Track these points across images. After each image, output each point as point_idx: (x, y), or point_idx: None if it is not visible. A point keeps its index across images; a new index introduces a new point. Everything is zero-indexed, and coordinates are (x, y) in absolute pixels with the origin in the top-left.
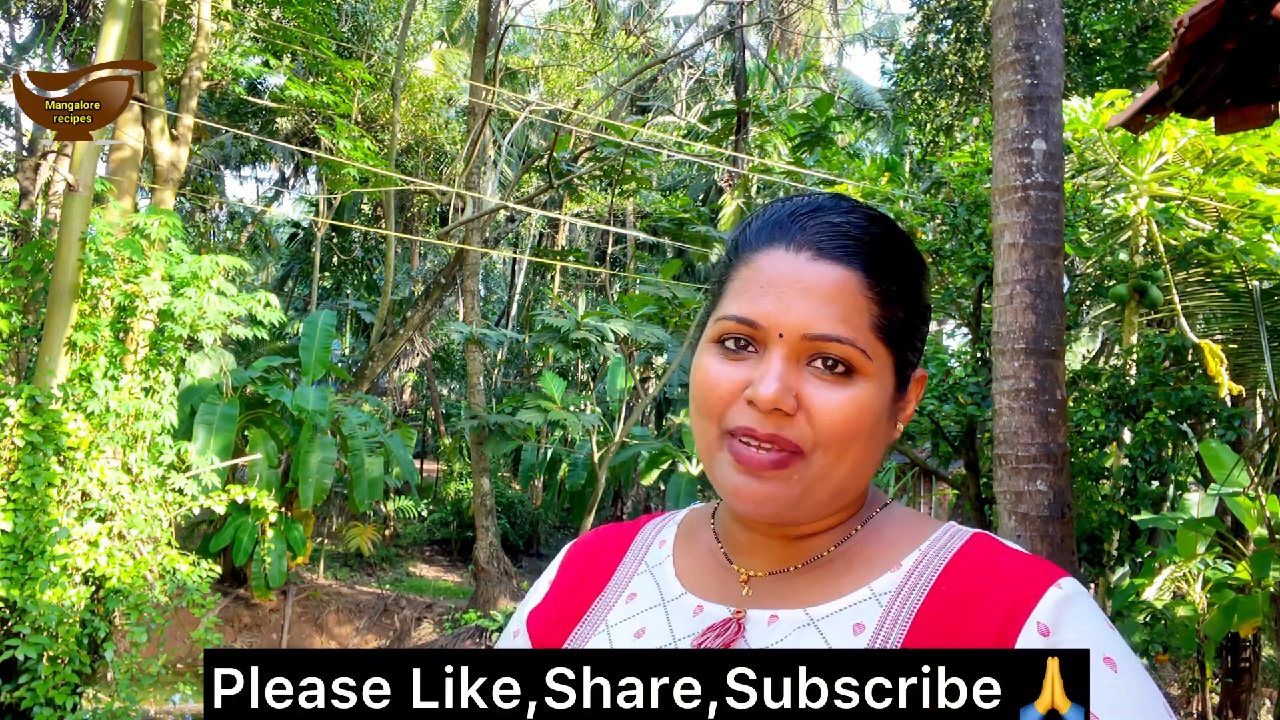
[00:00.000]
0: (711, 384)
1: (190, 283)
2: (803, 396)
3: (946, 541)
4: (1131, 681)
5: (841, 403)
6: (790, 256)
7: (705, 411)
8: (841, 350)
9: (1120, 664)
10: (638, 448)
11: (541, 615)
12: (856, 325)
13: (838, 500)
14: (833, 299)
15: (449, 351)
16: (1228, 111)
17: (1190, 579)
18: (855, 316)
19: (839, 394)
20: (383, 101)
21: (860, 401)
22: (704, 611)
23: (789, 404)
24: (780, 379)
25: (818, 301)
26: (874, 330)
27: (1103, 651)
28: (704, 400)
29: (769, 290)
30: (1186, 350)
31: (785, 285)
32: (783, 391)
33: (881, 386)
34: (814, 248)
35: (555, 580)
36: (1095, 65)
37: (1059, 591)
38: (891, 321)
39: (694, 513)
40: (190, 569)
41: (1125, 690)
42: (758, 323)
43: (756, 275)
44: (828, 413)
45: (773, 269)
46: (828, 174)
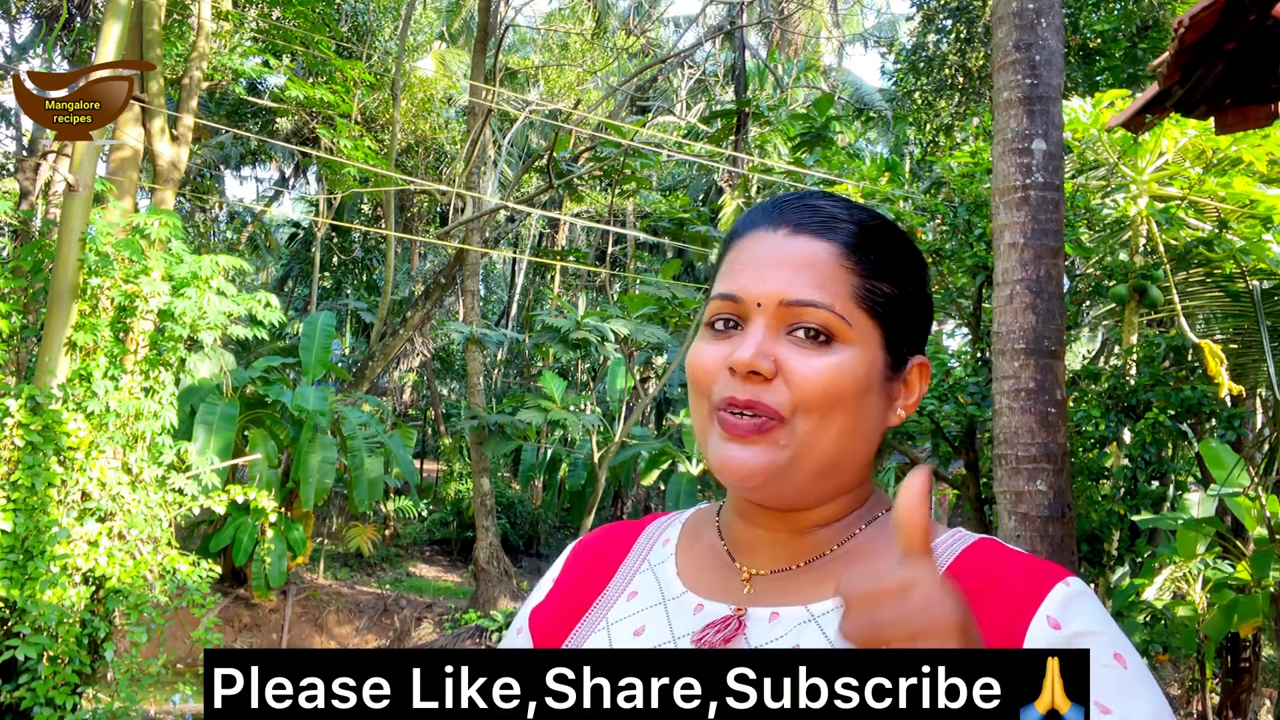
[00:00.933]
0: (699, 361)
1: (190, 283)
2: (781, 362)
3: (952, 544)
4: (1140, 678)
5: (821, 368)
6: (770, 234)
7: (697, 389)
8: (819, 315)
9: (1129, 661)
10: (638, 448)
11: (544, 613)
12: (833, 292)
13: (831, 476)
14: (808, 266)
15: (449, 351)
16: (1228, 111)
17: (1190, 579)
18: (832, 284)
19: (818, 359)
20: (383, 101)
21: (841, 367)
22: (704, 610)
23: (766, 367)
24: (757, 345)
25: (792, 270)
26: (853, 299)
27: (1113, 648)
28: (694, 379)
29: (748, 265)
30: (1186, 350)
31: (763, 259)
32: (758, 355)
33: (866, 357)
34: (792, 225)
35: (559, 578)
36: (1095, 65)
37: (1066, 588)
38: (874, 293)
39: (699, 512)
40: (190, 569)
41: (1136, 687)
42: (738, 296)
43: (739, 255)
44: (805, 376)
45: (754, 247)
46: (828, 174)
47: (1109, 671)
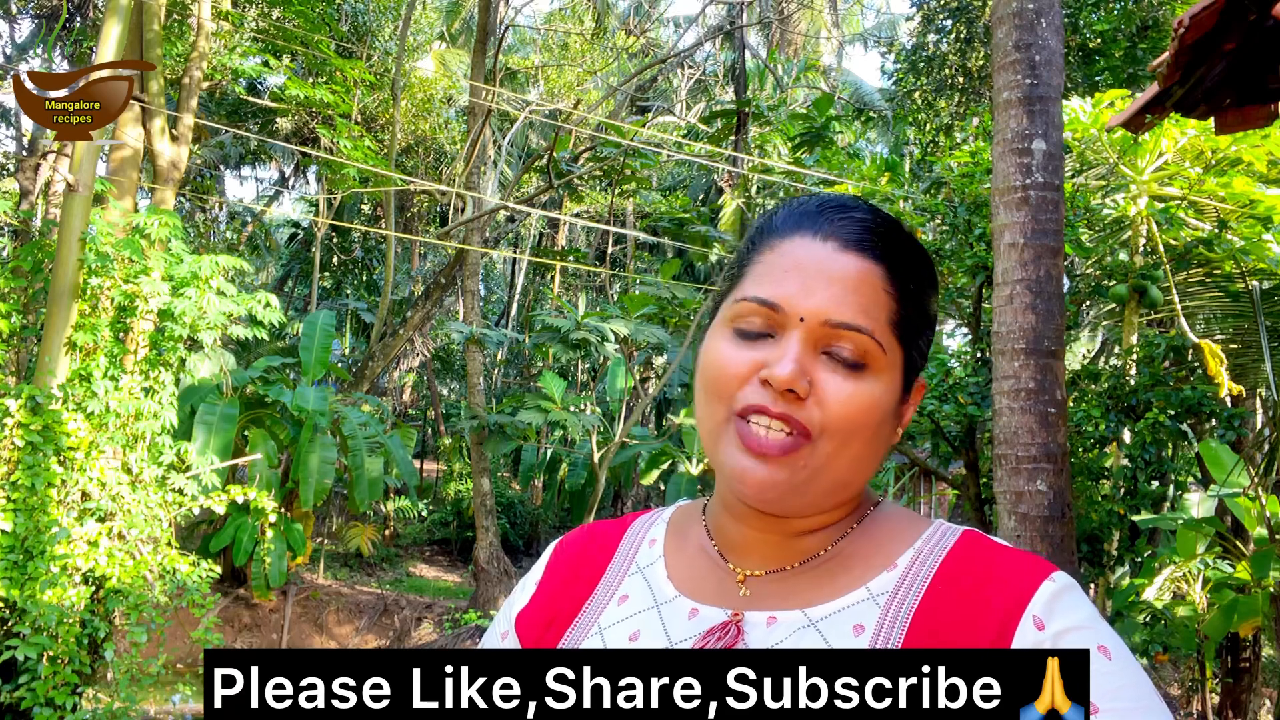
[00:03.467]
0: (724, 364)
1: (190, 283)
2: (816, 382)
3: (938, 540)
4: (1126, 669)
5: (854, 393)
6: (818, 244)
7: (715, 392)
8: (859, 340)
9: (1114, 652)
10: (638, 448)
11: (531, 616)
12: (875, 318)
13: (837, 495)
14: (856, 289)
15: (449, 351)
16: (1228, 111)
17: (1190, 579)
18: (875, 309)
19: (852, 384)
20: (383, 101)
21: (872, 395)
22: (699, 614)
23: (803, 386)
24: (797, 360)
25: (842, 290)
26: (890, 325)
27: (1096, 641)
28: (714, 380)
29: (793, 274)
30: (1186, 350)
31: (810, 271)
32: (798, 373)
33: (891, 384)
34: (841, 238)
35: (542, 580)
36: (1095, 65)
37: (1052, 585)
38: (905, 320)
39: (682, 509)
40: (190, 569)
41: (1121, 677)
42: (780, 305)
43: (781, 260)
44: (839, 401)
45: (799, 254)
46: (828, 174)
47: (1095, 664)
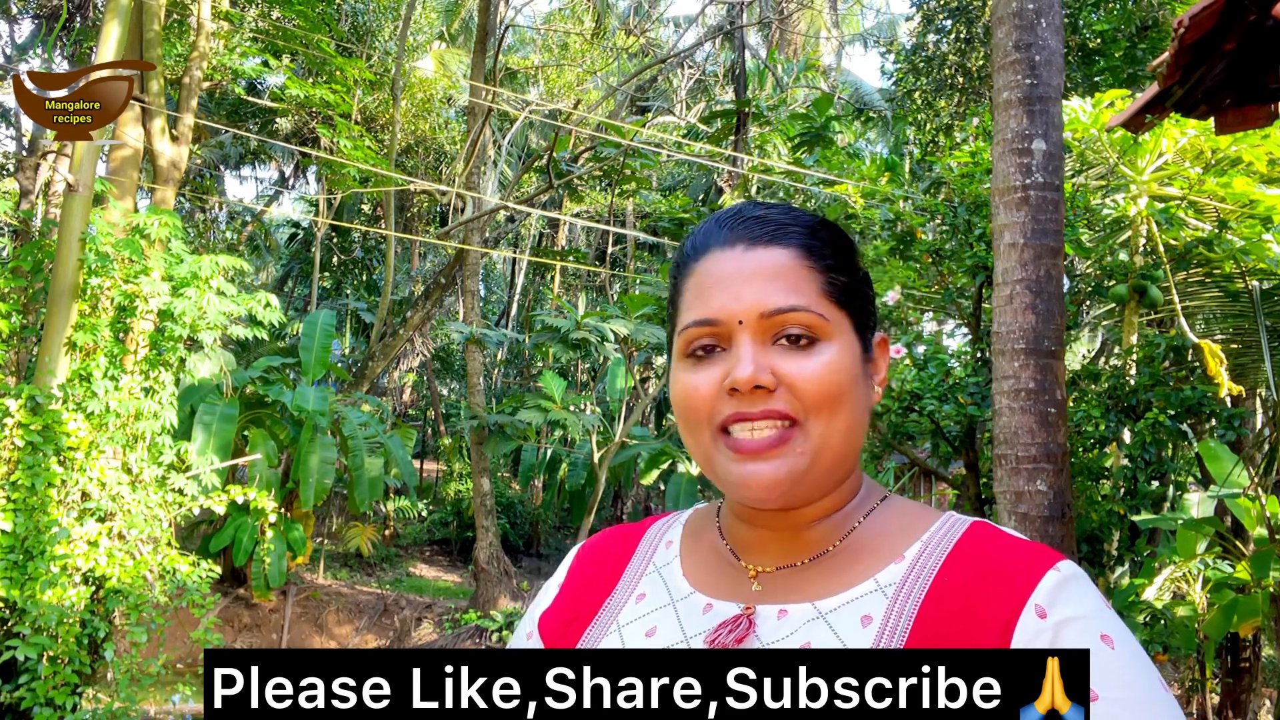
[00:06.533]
0: (690, 390)
1: (190, 283)
2: (778, 371)
3: (947, 531)
4: (1130, 658)
5: (816, 366)
6: (728, 252)
7: (693, 419)
8: (801, 318)
9: (1117, 641)
10: (638, 448)
11: (553, 617)
12: (807, 293)
13: (836, 472)
14: (776, 275)
15: (449, 351)
16: (1228, 111)
17: (1190, 579)
18: (803, 285)
19: (811, 359)
20: (383, 101)
21: (832, 364)
22: (713, 609)
23: (768, 379)
24: (753, 359)
25: (765, 281)
26: (823, 295)
27: (1099, 629)
28: (688, 408)
29: (717, 287)
30: (1186, 350)
31: (731, 277)
32: (758, 368)
33: (848, 346)
34: (747, 239)
35: (565, 582)
36: (1095, 65)
37: (1057, 574)
38: (837, 285)
39: (698, 512)
40: (190, 569)
41: (1124, 667)
42: (717, 319)
43: (704, 280)
44: (805, 378)
45: (716, 268)
46: (827, 174)
47: (1097, 652)
